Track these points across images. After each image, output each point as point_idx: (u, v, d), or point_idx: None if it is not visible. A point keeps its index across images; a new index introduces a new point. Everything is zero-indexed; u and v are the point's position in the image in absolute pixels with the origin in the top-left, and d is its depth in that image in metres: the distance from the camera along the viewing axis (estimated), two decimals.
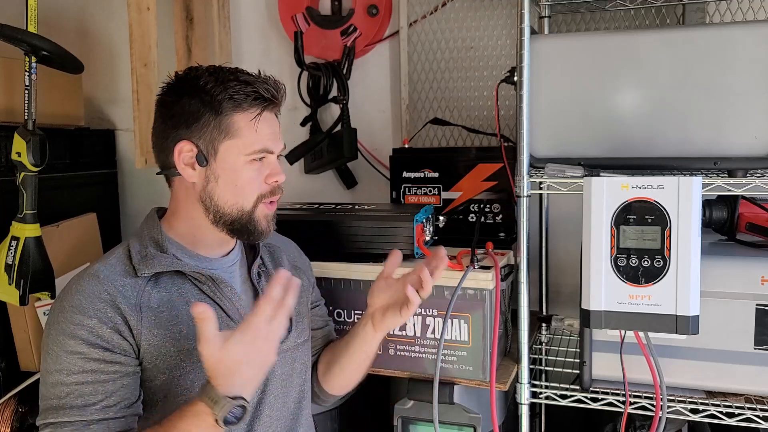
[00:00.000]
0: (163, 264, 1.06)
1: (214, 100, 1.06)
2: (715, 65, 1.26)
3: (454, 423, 1.39)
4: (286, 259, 1.28)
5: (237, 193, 1.08)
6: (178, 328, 1.05)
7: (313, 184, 2.07)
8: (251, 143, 1.07)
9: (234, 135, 1.07)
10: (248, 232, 1.11)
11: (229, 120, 1.06)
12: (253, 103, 1.07)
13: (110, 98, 2.25)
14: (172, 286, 1.07)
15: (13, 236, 1.52)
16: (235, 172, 1.08)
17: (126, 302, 1.02)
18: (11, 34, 1.47)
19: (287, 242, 1.34)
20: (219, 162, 1.08)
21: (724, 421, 1.26)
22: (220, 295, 1.10)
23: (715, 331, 1.27)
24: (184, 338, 1.05)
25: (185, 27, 2.01)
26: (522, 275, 1.37)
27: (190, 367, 1.05)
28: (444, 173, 1.67)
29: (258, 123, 1.08)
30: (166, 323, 1.04)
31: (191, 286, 1.09)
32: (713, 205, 1.39)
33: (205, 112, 1.06)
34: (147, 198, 2.24)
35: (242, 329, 0.93)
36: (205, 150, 1.07)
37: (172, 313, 1.05)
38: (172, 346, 1.04)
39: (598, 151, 1.34)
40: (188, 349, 1.04)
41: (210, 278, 1.09)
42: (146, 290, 1.05)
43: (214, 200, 1.09)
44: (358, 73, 1.95)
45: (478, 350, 1.36)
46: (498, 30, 1.85)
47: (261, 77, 1.10)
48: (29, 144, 1.49)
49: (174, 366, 1.04)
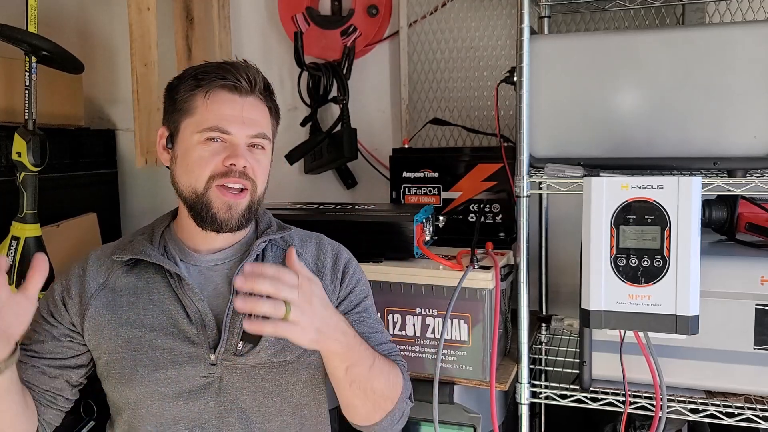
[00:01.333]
0: (134, 251, 1.12)
1: (181, 82, 1.11)
2: (715, 65, 1.26)
3: (454, 423, 1.40)
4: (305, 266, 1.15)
5: (189, 172, 1.09)
6: (126, 314, 1.10)
7: (313, 184, 2.07)
8: (202, 120, 1.08)
9: (191, 113, 1.09)
10: (202, 218, 1.08)
11: (188, 98, 1.09)
12: (211, 82, 1.08)
13: (110, 98, 2.25)
14: (144, 275, 1.12)
15: (13, 236, 1.52)
16: (189, 150, 1.09)
17: (93, 279, 1.12)
18: (11, 34, 1.47)
19: (324, 250, 1.20)
20: (179, 142, 1.11)
21: (724, 421, 1.26)
22: (182, 292, 1.09)
23: (715, 331, 1.27)
24: (127, 324, 1.09)
25: (185, 27, 2.01)
26: (522, 275, 1.37)
27: (123, 353, 1.08)
28: (444, 173, 1.67)
29: (209, 99, 1.07)
30: (117, 307, 1.10)
31: (161, 279, 1.11)
32: (713, 205, 1.39)
33: (173, 96, 1.12)
34: (147, 198, 2.24)
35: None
36: (173, 132, 1.12)
37: (129, 299, 1.11)
38: (113, 330, 1.09)
39: (597, 151, 1.34)
40: (127, 336, 1.09)
41: (177, 275, 1.10)
42: (116, 273, 1.13)
43: (176, 181, 1.12)
44: (358, 73, 1.95)
45: (478, 350, 1.36)
46: (498, 30, 1.85)
47: (230, 61, 1.12)
48: (29, 144, 1.49)
49: (111, 349, 1.09)
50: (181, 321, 1.08)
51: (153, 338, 1.08)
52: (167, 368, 1.06)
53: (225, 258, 1.15)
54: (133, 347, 1.08)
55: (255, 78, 1.10)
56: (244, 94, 1.09)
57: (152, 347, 1.07)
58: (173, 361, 1.07)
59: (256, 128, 1.10)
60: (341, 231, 1.47)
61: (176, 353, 1.07)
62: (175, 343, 1.07)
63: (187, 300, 1.09)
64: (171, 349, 1.07)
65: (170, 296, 1.10)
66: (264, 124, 1.12)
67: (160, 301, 1.10)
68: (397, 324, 1.41)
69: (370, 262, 1.43)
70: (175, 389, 1.07)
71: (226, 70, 1.09)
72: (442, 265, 1.39)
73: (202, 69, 1.10)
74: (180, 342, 1.07)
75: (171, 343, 1.07)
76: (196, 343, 1.07)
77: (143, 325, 1.09)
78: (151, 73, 1.78)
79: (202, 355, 1.07)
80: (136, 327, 1.08)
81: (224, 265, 1.14)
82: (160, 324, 1.08)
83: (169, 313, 1.09)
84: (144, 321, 1.09)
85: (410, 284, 1.40)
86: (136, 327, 1.08)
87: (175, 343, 1.07)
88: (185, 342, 1.07)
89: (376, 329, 1.17)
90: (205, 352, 1.07)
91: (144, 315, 1.09)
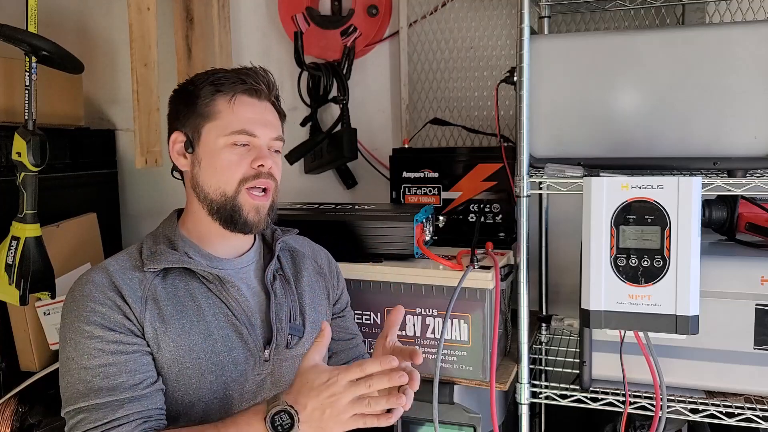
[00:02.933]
0: (170, 260, 1.08)
1: (197, 88, 1.12)
2: (715, 65, 1.26)
3: (454, 423, 1.39)
4: (311, 266, 1.27)
5: (218, 176, 1.10)
6: (179, 323, 1.06)
7: (313, 184, 2.07)
8: (229, 123, 1.10)
9: (214, 117, 1.10)
10: (234, 221, 1.11)
11: (210, 103, 1.11)
12: (232, 86, 1.11)
13: (110, 98, 2.25)
14: (179, 282, 1.09)
15: (13, 236, 1.52)
16: (216, 154, 1.10)
17: (132, 294, 1.04)
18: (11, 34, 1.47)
19: (318, 250, 1.32)
20: (202, 146, 1.11)
21: (724, 421, 1.26)
22: (226, 294, 1.10)
23: (715, 331, 1.27)
24: (185, 333, 1.06)
25: (185, 27, 2.01)
26: (522, 275, 1.37)
27: (188, 363, 1.05)
28: (444, 173, 1.67)
29: (235, 104, 1.10)
30: (168, 317, 1.06)
31: (199, 284, 1.10)
32: (713, 205, 1.39)
33: (190, 102, 1.12)
34: (147, 198, 2.24)
35: (332, 373, 0.91)
36: (191, 137, 1.12)
37: (176, 308, 1.07)
38: (171, 341, 1.05)
39: (597, 151, 1.34)
40: (187, 345, 1.05)
41: (217, 277, 1.10)
42: (153, 284, 1.07)
43: (200, 185, 1.12)
44: (358, 73, 1.95)
45: (478, 350, 1.36)
46: (498, 30, 1.85)
47: (248, 67, 1.14)
48: (29, 144, 1.49)
49: (172, 361, 1.05)
50: (232, 323, 1.09)
51: (213, 343, 1.07)
52: (232, 371, 1.08)
53: (250, 261, 1.18)
54: (196, 355, 1.06)
55: (272, 83, 1.15)
56: (263, 98, 1.14)
57: (214, 352, 1.07)
58: (235, 363, 1.08)
59: (276, 131, 1.15)
60: (341, 231, 1.47)
61: (236, 355, 1.09)
62: (233, 345, 1.09)
63: (233, 301, 1.10)
64: (230, 351, 1.08)
65: (214, 300, 1.10)
66: (279, 127, 1.17)
67: (207, 306, 1.09)
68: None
69: (370, 262, 1.43)
70: (239, 391, 1.09)
71: (246, 75, 1.12)
72: (442, 265, 1.39)
73: (219, 74, 1.13)
74: (237, 343, 1.09)
75: (230, 345, 1.08)
76: (249, 343, 1.10)
77: (199, 331, 1.07)
78: (151, 73, 1.78)
79: (256, 354, 1.10)
80: (194, 334, 1.06)
81: (249, 267, 1.18)
82: (214, 329, 1.08)
83: (218, 318, 1.09)
84: (199, 328, 1.07)
85: (410, 284, 1.40)
86: (194, 334, 1.06)
87: (234, 345, 1.09)
88: (241, 343, 1.09)
89: (356, 328, 1.35)
90: (258, 349, 1.10)
91: (197, 322, 1.07)
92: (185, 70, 1.99)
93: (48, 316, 1.62)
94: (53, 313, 1.62)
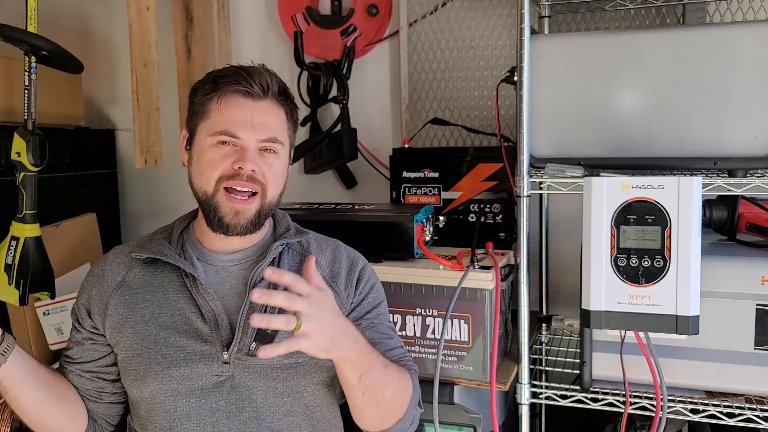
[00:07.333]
0: (150, 251, 1.14)
1: (200, 86, 1.14)
2: (715, 65, 1.26)
3: (454, 423, 1.39)
4: (320, 272, 1.12)
5: (201, 174, 1.11)
6: (142, 312, 1.12)
7: (313, 184, 2.07)
8: (215, 123, 1.10)
9: (206, 116, 1.12)
10: (211, 221, 1.11)
11: (205, 102, 1.12)
12: (226, 85, 1.10)
13: (110, 98, 2.24)
14: (160, 272, 1.14)
15: (12, 236, 1.52)
16: (202, 152, 1.11)
17: (111, 278, 1.15)
18: (11, 34, 1.46)
19: (340, 256, 1.22)
20: (195, 144, 1.14)
21: (725, 421, 1.26)
22: (196, 291, 1.11)
23: (716, 331, 1.27)
24: (143, 322, 1.11)
25: (185, 27, 2.00)
26: (522, 275, 1.37)
27: (140, 350, 1.10)
28: (444, 173, 1.67)
29: (222, 104, 1.10)
30: (134, 305, 1.12)
31: (177, 278, 1.13)
32: (713, 205, 1.39)
33: (193, 99, 1.14)
34: (147, 198, 2.24)
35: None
36: (191, 134, 1.14)
37: (145, 297, 1.13)
38: (130, 327, 1.11)
39: (598, 151, 1.34)
40: (142, 333, 1.11)
41: (191, 275, 1.11)
42: (134, 270, 1.15)
43: (191, 182, 1.14)
44: (358, 73, 1.95)
45: (478, 350, 1.36)
46: (498, 30, 1.85)
47: (249, 66, 1.13)
48: (29, 144, 1.48)
49: (128, 346, 1.11)
50: (194, 320, 1.10)
51: (167, 336, 1.10)
52: (180, 366, 1.08)
53: (242, 259, 1.17)
54: (147, 344, 1.10)
55: (269, 83, 1.11)
56: (256, 98, 1.10)
57: (166, 345, 1.09)
58: (186, 359, 1.09)
59: (267, 132, 1.11)
60: (341, 231, 1.47)
61: (189, 351, 1.09)
62: (188, 341, 1.09)
63: (201, 299, 1.10)
64: (184, 347, 1.09)
65: (185, 295, 1.12)
66: (277, 129, 1.13)
67: (175, 299, 1.12)
68: (397, 324, 1.41)
69: (370, 262, 1.43)
70: (187, 386, 1.08)
71: (240, 74, 1.10)
72: (443, 265, 1.39)
73: (222, 73, 1.13)
74: (193, 340, 1.09)
75: (184, 341, 1.09)
76: (209, 342, 1.09)
77: (158, 323, 1.11)
78: (151, 73, 1.78)
79: (215, 354, 1.09)
80: (151, 324, 1.11)
81: (241, 265, 1.16)
82: (174, 322, 1.11)
83: (183, 312, 1.11)
84: (159, 319, 1.11)
85: (410, 284, 1.40)
86: (151, 324, 1.11)
87: (189, 341, 1.09)
88: (198, 340, 1.09)
89: (388, 335, 1.18)
90: (218, 350, 1.09)
91: (159, 313, 1.11)
92: (185, 70, 1.99)
93: (47, 316, 1.62)
94: (53, 313, 1.62)
